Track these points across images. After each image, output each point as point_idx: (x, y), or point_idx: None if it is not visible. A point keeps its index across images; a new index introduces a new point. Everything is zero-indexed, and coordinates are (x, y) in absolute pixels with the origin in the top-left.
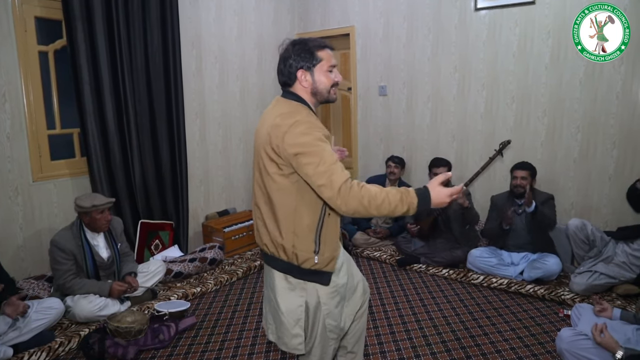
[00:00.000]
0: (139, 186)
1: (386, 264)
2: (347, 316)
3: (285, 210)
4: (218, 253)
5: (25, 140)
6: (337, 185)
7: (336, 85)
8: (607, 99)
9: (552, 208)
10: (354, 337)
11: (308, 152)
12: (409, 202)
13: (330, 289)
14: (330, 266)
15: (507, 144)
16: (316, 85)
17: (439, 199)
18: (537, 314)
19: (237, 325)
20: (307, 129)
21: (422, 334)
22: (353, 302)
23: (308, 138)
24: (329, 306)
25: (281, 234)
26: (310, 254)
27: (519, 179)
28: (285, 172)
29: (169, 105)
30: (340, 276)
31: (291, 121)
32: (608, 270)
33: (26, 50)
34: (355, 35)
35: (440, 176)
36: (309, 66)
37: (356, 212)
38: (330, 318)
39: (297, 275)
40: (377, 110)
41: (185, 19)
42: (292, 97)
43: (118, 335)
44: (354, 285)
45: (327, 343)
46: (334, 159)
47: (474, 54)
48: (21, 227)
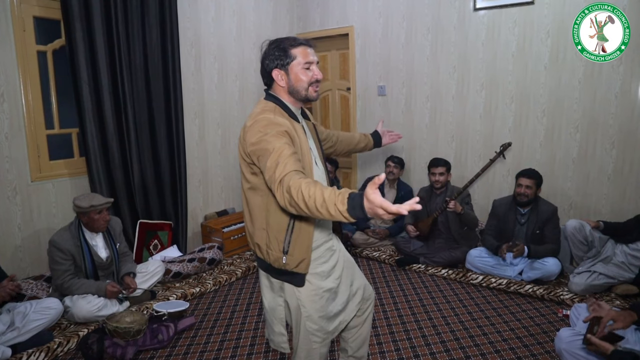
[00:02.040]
0: (138, 186)
1: (385, 264)
2: (339, 320)
3: (257, 209)
4: (217, 253)
5: (23, 140)
6: (277, 178)
7: (315, 83)
8: (606, 99)
9: (556, 227)
10: (356, 342)
11: (261, 148)
12: (337, 210)
13: (310, 291)
14: (302, 268)
15: (508, 146)
16: (292, 84)
17: (372, 212)
18: (536, 314)
19: (236, 325)
20: (263, 127)
21: (421, 334)
22: (348, 308)
23: (263, 135)
24: (309, 309)
25: (255, 233)
26: (279, 253)
27: (524, 187)
28: (255, 170)
29: (168, 105)
30: (328, 280)
31: (253, 121)
32: (607, 270)
33: (25, 50)
34: (354, 35)
35: (373, 184)
36: (283, 65)
37: (291, 207)
38: (311, 321)
39: (273, 275)
40: (376, 111)
41: (184, 18)
42: (270, 97)
43: (117, 336)
44: (351, 292)
45: (311, 345)
46: (284, 154)
47: (473, 54)
48: (19, 227)
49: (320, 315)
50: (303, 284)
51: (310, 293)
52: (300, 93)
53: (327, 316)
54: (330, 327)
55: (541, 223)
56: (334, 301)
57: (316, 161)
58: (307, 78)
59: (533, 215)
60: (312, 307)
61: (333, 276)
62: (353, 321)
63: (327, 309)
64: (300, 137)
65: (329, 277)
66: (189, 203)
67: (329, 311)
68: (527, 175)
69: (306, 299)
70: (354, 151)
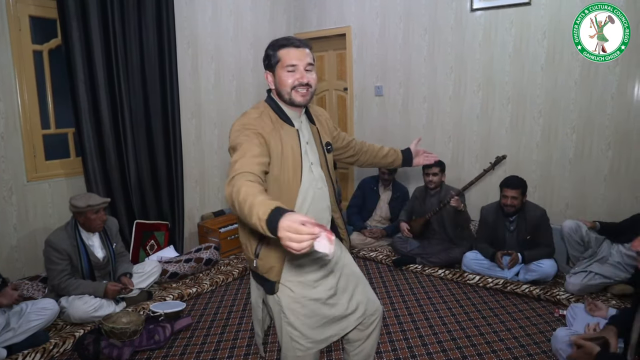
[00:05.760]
0: (134, 186)
1: (382, 264)
2: (332, 332)
3: None
4: (214, 253)
5: (19, 139)
6: (230, 176)
7: (300, 87)
8: (602, 100)
9: (547, 229)
10: (357, 356)
11: (232, 147)
12: (258, 221)
13: (290, 298)
14: (272, 275)
15: (502, 158)
16: (277, 86)
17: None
18: (533, 313)
19: (232, 325)
20: (240, 126)
21: (418, 334)
22: (345, 322)
23: (238, 134)
24: (289, 315)
25: (240, 230)
26: (251, 255)
27: (510, 199)
28: None
29: (165, 104)
30: (316, 290)
31: (236, 120)
32: (603, 270)
33: (20, 50)
34: (352, 35)
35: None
36: (270, 66)
37: (234, 208)
38: (292, 327)
39: (253, 275)
40: (373, 111)
41: (181, 18)
42: (267, 99)
43: (113, 336)
44: (351, 305)
45: (295, 352)
46: (247, 154)
47: (470, 55)
48: (15, 227)
49: (303, 323)
50: (273, 292)
51: (290, 300)
52: (284, 96)
53: (314, 325)
54: (319, 336)
55: (531, 228)
56: (326, 311)
57: (312, 167)
58: (290, 81)
59: (522, 221)
60: (292, 315)
61: (324, 287)
62: (354, 334)
63: (313, 318)
64: (285, 141)
65: (318, 287)
66: (186, 203)
67: (315, 320)
68: (512, 186)
69: (286, 306)
70: (379, 165)
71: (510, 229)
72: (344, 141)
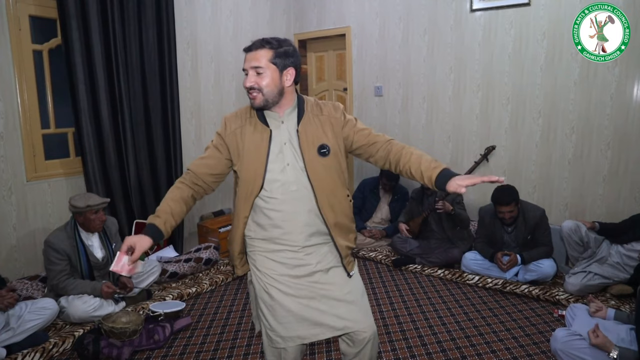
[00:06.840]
0: (134, 186)
1: (382, 265)
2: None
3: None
4: (213, 253)
5: (19, 139)
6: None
7: (248, 91)
8: (602, 101)
9: (546, 229)
10: None
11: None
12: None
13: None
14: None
15: (492, 149)
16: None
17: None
18: (532, 314)
19: (232, 325)
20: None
21: (417, 334)
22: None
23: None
24: (255, 285)
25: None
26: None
27: (506, 214)
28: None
29: (164, 104)
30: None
31: None
32: (602, 270)
33: (20, 49)
34: (351, 35)
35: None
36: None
37: None
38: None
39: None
40: (372, 111)
41: (181, 18)
42: None
43: (113, 336)
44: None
45: (270, 342)
46: (203, 154)
47: (470, 55)
48: (15, 227)
49: (262, 299)
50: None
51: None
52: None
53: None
54: (283, 332)
55: (530, 228)
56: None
57: (286, 168)
58: (245, 86)
59: (520, 223)
60: (257, 284)
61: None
62: (344, 347)
63: (271, 300)
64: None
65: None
66: None
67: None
68: (505, 203)
69: (254, 276)
70: (405, 175)
71: (509, 231)
72: (359, 141)
